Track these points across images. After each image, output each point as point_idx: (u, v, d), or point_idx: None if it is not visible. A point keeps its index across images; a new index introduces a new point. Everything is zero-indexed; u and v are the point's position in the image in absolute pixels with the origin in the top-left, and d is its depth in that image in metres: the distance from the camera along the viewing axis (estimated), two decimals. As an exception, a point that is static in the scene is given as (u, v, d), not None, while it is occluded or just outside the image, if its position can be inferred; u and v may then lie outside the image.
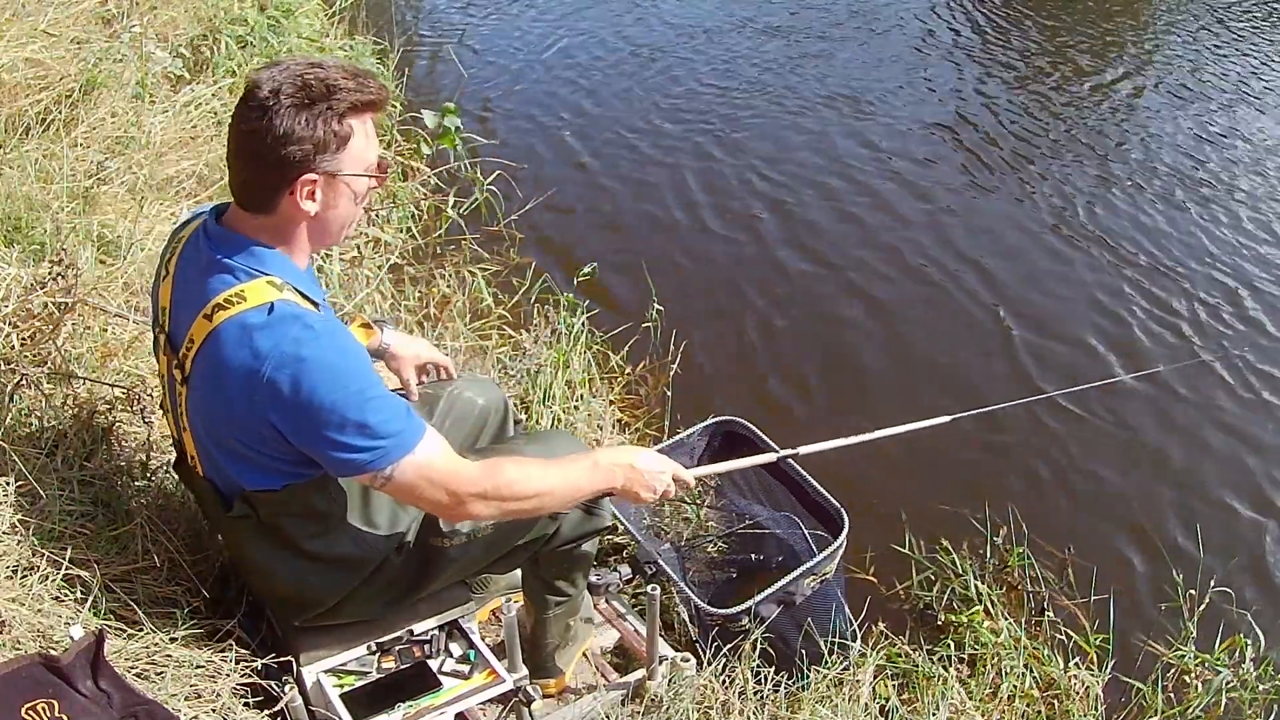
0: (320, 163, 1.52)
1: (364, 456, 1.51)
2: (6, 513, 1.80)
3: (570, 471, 1.70)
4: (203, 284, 1.54)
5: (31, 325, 2.20)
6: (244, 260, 1.54)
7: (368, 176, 1.59)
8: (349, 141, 1.54)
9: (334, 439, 1.49)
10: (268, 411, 1.49)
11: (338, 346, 1.51)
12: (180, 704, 1.67)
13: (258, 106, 1.48)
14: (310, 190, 1.53)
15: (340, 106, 1.51)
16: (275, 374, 1.46)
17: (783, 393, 3.71)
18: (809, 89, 5.98)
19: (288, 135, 1.48)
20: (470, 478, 1.58)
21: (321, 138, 1.50)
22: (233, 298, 1.50)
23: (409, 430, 1.54)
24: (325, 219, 1.58)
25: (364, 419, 1.49)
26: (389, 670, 1.81)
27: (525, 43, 6.57)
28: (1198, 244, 4.63)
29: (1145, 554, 3.10)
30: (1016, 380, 3.81)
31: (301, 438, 1.52)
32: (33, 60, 3.27)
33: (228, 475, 1.62)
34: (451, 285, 3.82)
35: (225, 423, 1.55)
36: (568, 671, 2.25)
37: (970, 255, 4.51)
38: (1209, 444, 3.55)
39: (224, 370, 1.50)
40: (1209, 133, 5.64)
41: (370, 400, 1.50)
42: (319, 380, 1.47)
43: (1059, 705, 2.55)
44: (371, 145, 1.59)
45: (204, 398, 1.57)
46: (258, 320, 1.48)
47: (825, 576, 2.40)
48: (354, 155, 1.55)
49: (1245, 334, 4.08)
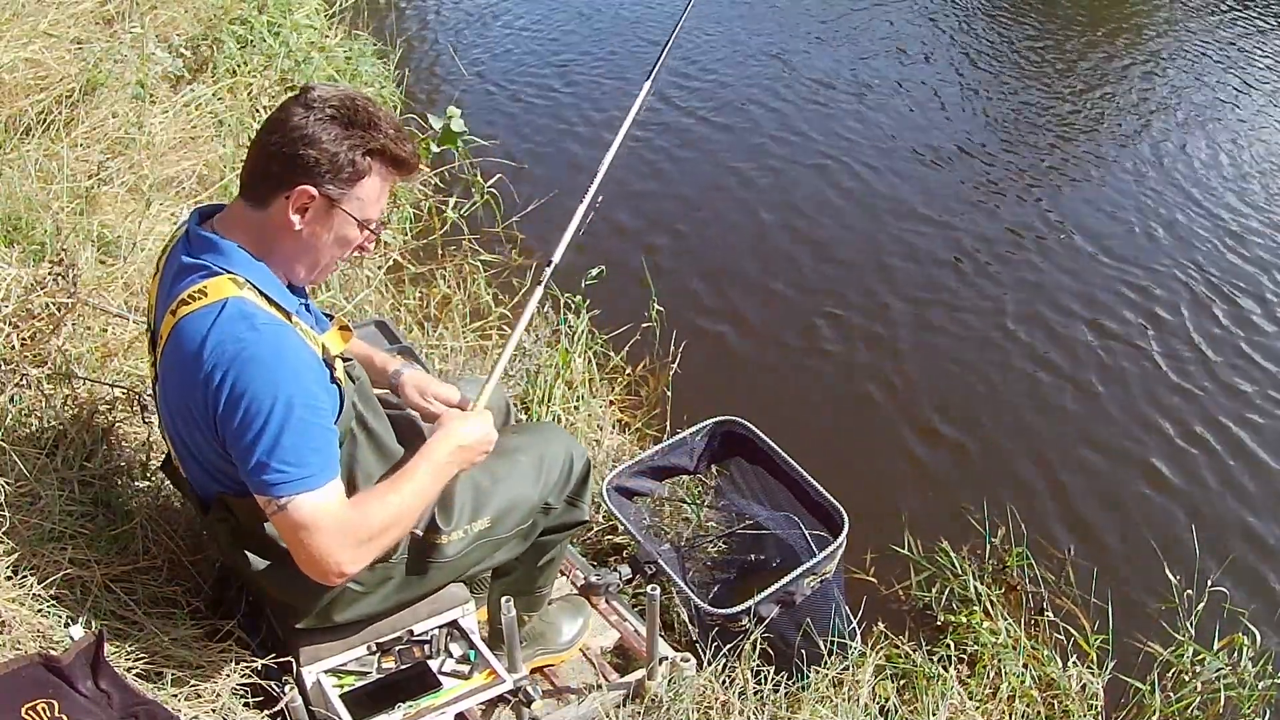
0: (325, 182, 1.52)
1: (269, 476, 1.47)
2: (6, 513, 1.80)
3: (417, 484, 1.64)
4: (174, 282, 1.55)
5: (31, 325, 2.20)
6: (213, 258, 1.54)
7: (360, 227, 1.57)
8: (362, 180, 1.54)
9: (248, 445, 1.47)
10: (208, 409, 1.49)
11: (278, 351, 1.49)
12: (180, 704, 1.67)
13: (303, 104, 1.50)
14: (304, 204, 1.53)
15: (372, 144, 1.52)
16: (213, 371, 1.46)
17: (783, 393, 3.72)
18: (807, 87, 5.98)
19: (312, 139, 1.49)
20: (351, 531, 1.53)
21: (339, 160, 1.51)
22: (195, 294, 1.51)
23: (321, 468, 1.50)
24: (305, 242, 1.57)
25: (280, 437, 1.46)
26: (389, 670, 1.81)
27: (525, 42, 6.57)
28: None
29: (1143, 554, 3.10)
30: (1015, 396, 3.82)
31: (226, 437, 1.50)
32: (33, 60, 3.27)
33: (201, 478, 1.62)
34: (451, 285, 3.82)
35: (187, 422, 1.56)
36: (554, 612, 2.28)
37: (974, 255, 4.52)
38: (1207, 444, 3.55)
39: (180, 366, 1.51)
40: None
41: (296, 419, 1.47)
42: (250, 381, 1.45)
43: (1058, 705, 2.55)
44: (379, 202, 1.58)
45: (170, 397, 1.58)
46: (209, 317, 1.48)
47: (825, 576, 2.41)
48: (359, 197, 1.55)
49: (1247, 336, 4.09)
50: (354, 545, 1.53)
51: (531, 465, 1.91)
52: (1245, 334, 4.08)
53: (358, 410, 1.70)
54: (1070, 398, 3.74)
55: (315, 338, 1.63)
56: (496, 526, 1.85)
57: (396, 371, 1.96)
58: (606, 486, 2.60)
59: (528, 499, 1.89)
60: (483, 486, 1.84)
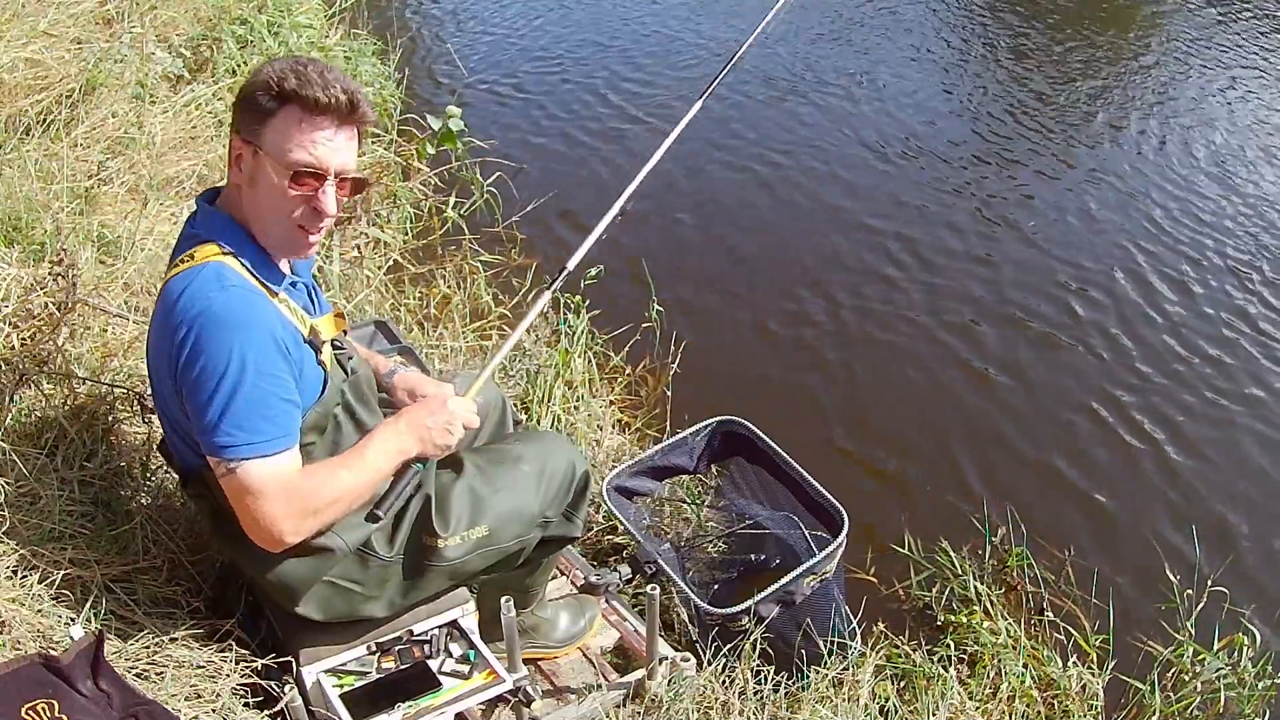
0: (245, 130, 1.58)
1: (219, 439, 1.49)
2: (6, 513, 1.80)
3: (368, 461, 1.65)
4: (174, 254, 1.63)
5: (31, 325, 2.20)
6: (204, 227, 1.61)
7: (278, 169, 1.55)
8: (269, 119, 1.56)
9: (202, 403, 1.49)
10: (172, 364, 1.51)
11: (242, 313, 1.51)
12: (180, 704, 1.67)
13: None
14: (239, 152, 1.59)
15: (284, 87, 1.55)
16: (179, 325, 1.50)
17: (783, 393, 3.72)
18: (808, 85, 5.98)
19: (243, 92, 1.59)
20: (297, 501, 1.54)
21: (252, 104, 1.57)
22: (184, 259, 1.57)
23: (273, 436, 1.52)
24: (253, 196, 1.60)
25: (232, 399, 1.48)
26: (389, 670, 1.81)
27: (526, 42, 6.57)
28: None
29: (1144, 554, 3.10)
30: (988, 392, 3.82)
31: (184, 394, 1.52)
32: (33, 60, 3.27)
33: (181, 448, 1.64)
34: (451, 285, 3.82)
35: (160, 382, 1.59)
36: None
37: (978, 252, 4.52)
38: (1208, 444, 3.55)
39: (158, 325, 1.56)
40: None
41: (249, 384, 1.48)
42: (209, 340, 1.48)
43: (1058, 705, 2.55)
44: (295, 140, 1.56)
45: (149, 357, 1.62)
46: (190, 277, 1.53)
47: (825, 576, 2.41)
48: (273, 136, 1.56)
49: (1249, 335, 4.09)
50: (298, 516, 1.55)
51: (533, 475, 1.90)
52: (1245, 334, 4.08)
53: (346, 399, 1.71)
54: (1070, 397, 3.74)
55: (304, 318, 1.66)
56: (496, 535, 1.84)
57: (390, 372, 1.97)
58: (606, 486, 2.60)
59: (528, 509, 1.88)
60: (482, 494, 1.83)
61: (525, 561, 1.96)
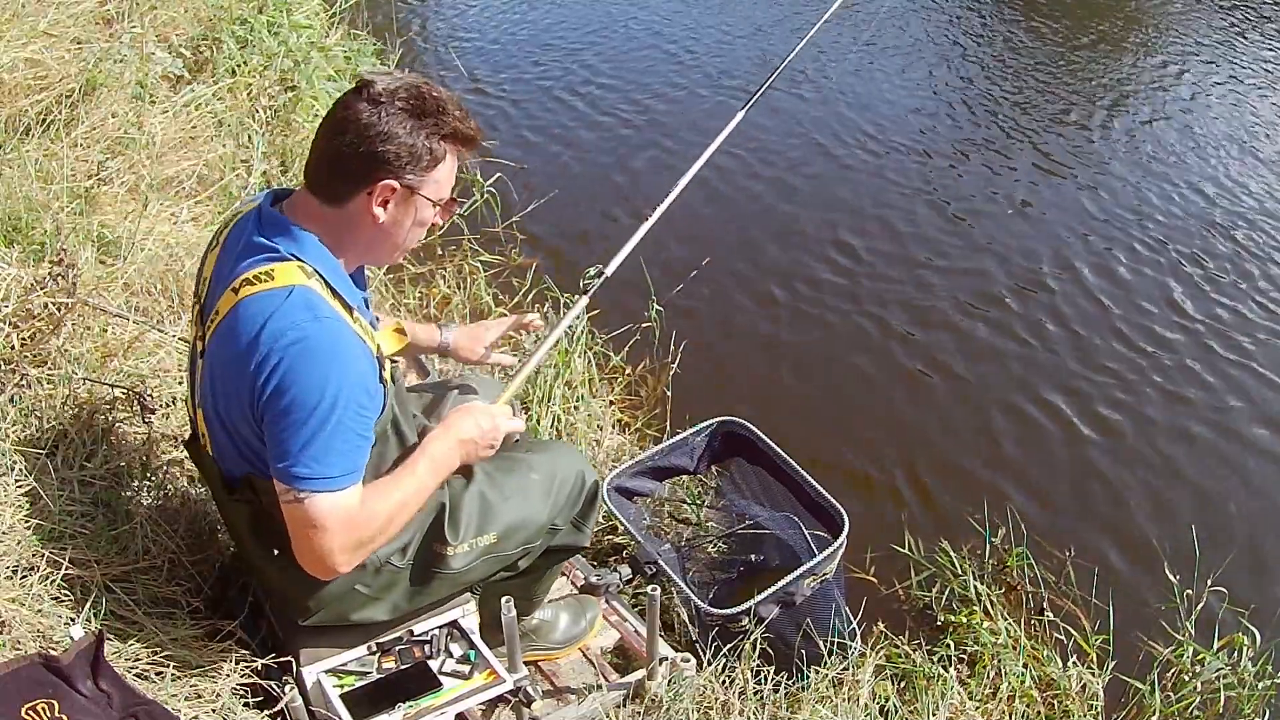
0: (406, 173, 1.54)
1: (297, 469, 1.49)
2: (6, 513, 1.80)
3: (417, 479, 1.67)
4: (239, 260, 1.55)
5: (31, 325, 2.20)
6: (283, 242, 1.55)
7: (436, 207, 1.61)
8: (439, 165, 1.57)
9: (285, 434, 1.48)
10: (255, 391, 1.49)
11: (336, 347, 1.50)
12: (180, 704, 1.67)
13: (370, 99, 1.51)
14: (386, 197, 1.55)
15: (445, 128, 1.55)
16: (269, 355, 1.47)
17: (783, 393, 3.72)
18: (806, 86, 5.98)
19: (389, 135, 1.51)
20: (355, 533, 1.56)
21: (418, 150, 1.53)
22: (261, 275, 1.51)
23: (346, 470, 1.52)
24: (388, 231, 1.59)
25: (318, 433, 1.47)
26: (389, 670, 1.80)
27: (525, 42, 6.57)
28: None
29: (1143, 553, 3.10)
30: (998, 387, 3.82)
31: (265, 420, 1.51)
32: (33, 60, 3.27)
33: (232, 456, 1.62)
34: (451, 285, 3.82)
35: (232, 401, 1.56)
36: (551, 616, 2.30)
37: (978, 249, 4.52)
38: (1208, 444, 3.55)
39: (235, 346, 1.51)
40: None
41: (337, 418, 1.48)
42: (302, 373, 1.47)
43: (1058, 705, 2.55)
44: (451, 180, 1.62)
45: (216, 372, 1.58)
46: (275, 301, 1.49)
47: (825, 577, 2.41)
48: (436, 180, 1.58)
49: (1249, 335, 4.09)
50: (354, 548, 1.57)
51: (543, 483, 1.89)
52: (1246, 334, 4.09)
53: (395, 413, 1.70)
54: (1070, 397, 3.74)
55: (372, 335, 1.64)
56: (503, 543, 1.83)
57: (444, 340, 2.05)
58: (607, 486, 2.59)
59: (536, 517, 1.87)
60: (491, 501, 1.82)
61: (531, 569, 1.96)
